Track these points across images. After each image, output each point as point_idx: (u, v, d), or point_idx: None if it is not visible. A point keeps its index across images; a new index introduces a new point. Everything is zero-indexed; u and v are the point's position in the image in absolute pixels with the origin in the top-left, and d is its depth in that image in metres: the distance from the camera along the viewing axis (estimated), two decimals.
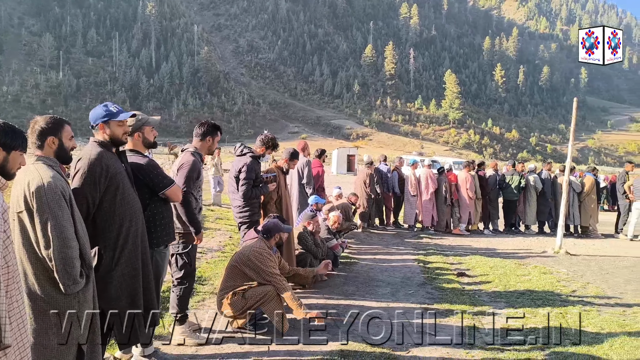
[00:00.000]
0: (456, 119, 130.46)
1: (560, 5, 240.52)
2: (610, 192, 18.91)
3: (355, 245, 9.37)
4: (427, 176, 11.65)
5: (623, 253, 9.67)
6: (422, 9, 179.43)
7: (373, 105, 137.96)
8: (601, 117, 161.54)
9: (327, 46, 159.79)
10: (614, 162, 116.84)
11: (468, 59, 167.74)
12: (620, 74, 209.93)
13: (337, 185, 11.11)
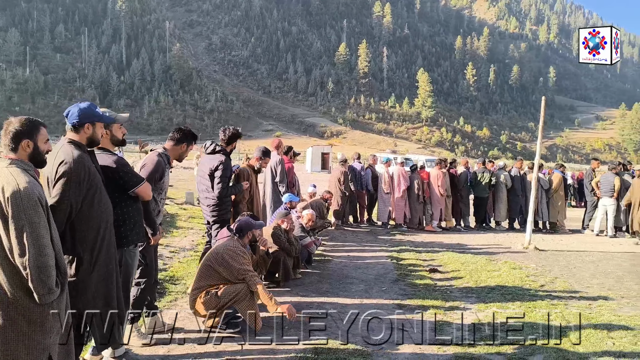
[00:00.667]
0: (429, 117, 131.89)
1: (530, 5, 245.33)
2: (578, 188, 19.41)
3: (329, 243, 9.40)
4: (399, 174, 11.75)
5: (589, 248, 9.94)
6: (395, 8, 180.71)
7: (347, 103, 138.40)
8: (569, 115, 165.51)
9: (301, 44, 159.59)
10: (581, 159, 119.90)
11: (440, 58, 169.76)
12: (587, 73, 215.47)
13: (311, 183, 11.12)
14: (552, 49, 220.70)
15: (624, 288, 6.61)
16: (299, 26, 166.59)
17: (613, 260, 8.68)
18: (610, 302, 5.84)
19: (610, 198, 11.42)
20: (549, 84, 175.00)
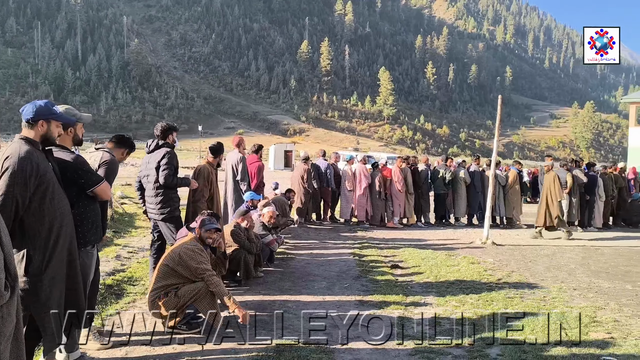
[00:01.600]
0: (390, 115, 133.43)
1: (487, 6, 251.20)
2: (532, 184, 20.03)
3: (292, 241, 9.39)
4: (361, 172, 11.84)
5: (544, 242, 10.28)
6: (356, 6, 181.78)
7: (310, 101, 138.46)
8: (525, 114, 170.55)
9: (262, 41, 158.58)
10: (536, 156, 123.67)
11: (401, 57, 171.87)
12: (541, 73, 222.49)
13: (274, 181, 11.08)
14: (508, 49, 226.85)
15: (576, 280, 6.86)
16: (261, 23, 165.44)
17: (566, 253, 8.99)
18: (563, 294, 6.05)
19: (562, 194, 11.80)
20: (506, 83, 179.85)
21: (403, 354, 4.09)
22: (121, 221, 10.36)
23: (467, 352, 4.12)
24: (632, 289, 6.44)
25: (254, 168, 9.11)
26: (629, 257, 8.79)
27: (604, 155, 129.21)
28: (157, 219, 5.68)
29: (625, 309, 5.52)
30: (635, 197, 14.02)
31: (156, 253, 5.73)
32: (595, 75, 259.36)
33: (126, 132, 4.83)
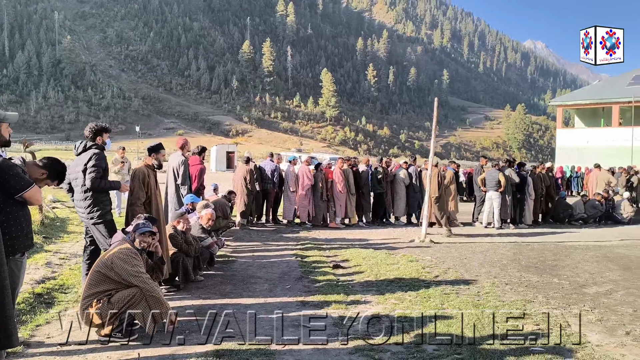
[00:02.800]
0: (333, 116, 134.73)
1: (425, 11, 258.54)
2: (468, 184, 20.80)
3: (233, 243, 9.28)
4: (303, 173, 11.88)
5: (478, 239, 10.67)
6: (298, 7, 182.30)
7: (252, 101, 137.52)
8: (461, 115, 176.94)
9: (203, 40, 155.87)
10: (472, 156, 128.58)
11: (343, 59, 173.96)
12: (476, 76, 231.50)
13: (213, 183, 10.92)
14: (445, 53, 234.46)
15: (508, 275, 7.18)
16: (201, 22, 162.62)
17: (499, 250, 9.39)
18: (495, 289, 6.31)
19: (495, 192, 12.33)
20: (443, 85, 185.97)
21: (343, 353, 4.13)
22: (52, 226, 9.87)
23: (405, 349, 4.22)
24: (559, 282, 6.81)
25: (196, 170, 8.94)
26: (556, 252, 9.29)
27: (534, 155, 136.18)
28: (88, 224, 5.47)
29: (553, 301, 5.84)
30: (562, 195, 14.85)
31: (89, 259, 5.50)
32: (525, 78, 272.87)
33: (58, 159, 4.24)
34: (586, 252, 9.23)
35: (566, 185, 22.19)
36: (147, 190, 5.78)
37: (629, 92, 32.39)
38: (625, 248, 9.82)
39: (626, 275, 7.37)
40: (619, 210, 14.35)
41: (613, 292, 6.36)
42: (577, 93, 45.25)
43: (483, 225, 12.71)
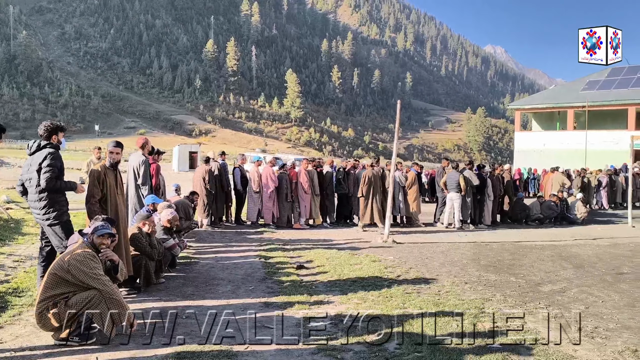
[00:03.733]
0: (298, 117, 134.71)
1: (389, 14, 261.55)
2: (430, 185, 21.16)
3: (195, 245, 9.17)
4: (267, 173, 11.85)
5: (439, 239, 10.87)
6: (263, 7, 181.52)
7: (216, 101, 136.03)
8: (424, 118, 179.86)
9: (165, 38, 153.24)
10: (434, 158, 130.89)
11: (308, 60, 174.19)
12: (438, 79, 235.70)
13: (175, 183, 10.75)
14: (408, 56, 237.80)
15: (467, 274, 7.36)
16: (164, 20, 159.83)
17: (459, 250, 9.60)
18: (455, 288, 6.45)
19: (456, 193, 12.59)
20: (407, 88, 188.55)
21: (306, 353, 4.14)
22: (6, 228, 9.52)
23: (367, 347, 4.27)
24: (516, 281, 7.02)
25: (151, 169, 8.76)
26: (514, 251, 9.57)
27: (493, 157, 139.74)
28: (44, 225, 5.31)
29: (510, 299, 6.01)
30: (520, 196, 15.29)
31: (45, 261, 5.34)
32: (486, 82, 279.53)
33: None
34: (542, 252, 9.54)
35: (524, 187, 22.85)
36: (102, 188, 5.64)
37: (583, 97, 33.65)
38: (579, 247, 10.19)
39: (579, 273, 7.66)
40: (573, 211, 14.88)
41: (567, 289, 6.60)
42: (534, 97, 46.69)
43: (444, 225, 12.96)
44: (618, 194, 19.72)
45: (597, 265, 8.34)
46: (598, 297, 6.22)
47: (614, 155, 29.44)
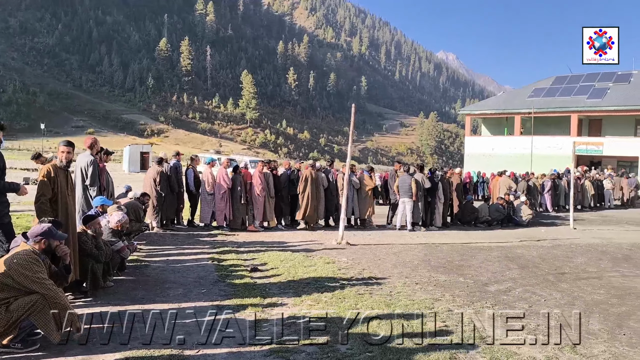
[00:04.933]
0: (253, 118, 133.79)
1: (344, 18, 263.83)
2: (384, 188, 21.50)
3: (146, 247, 8.97)
4: (221, 175, 11.73)
5: (392, 241, 11.06)
6: (218, 7, 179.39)
7: (169, 101, 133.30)
8: (378, 121, 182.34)
9: (117, 36, 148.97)
10: (388, 161, 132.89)
11: (263, 61, 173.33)
12: (393, 84, 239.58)
13: (125, 184, 10.48)
14: (363, 60, 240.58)
15: (418, 275, 7.52)
16: (115, 17, 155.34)
17: (411, 251, 9.79)
18: (407, 289, 6.59)
19: (408, 197, 12.83)
20: (362, 92, 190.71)
21: (258, 356, 4.14)
22: None
23: (319, 349, 4.30)
24: (464, 281, 7.23)
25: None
26: (463, 252, 9.85)
27: (445, 161, 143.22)
28: None
29: (458, 299, 6.19)
30: (469, 199, 15.74)
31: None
32: (438, 88, 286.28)
33: None
34: (489, 253, 9.86)
35: (473, 190, 23.54)
36: (53, 187, 5.44)
37: (529, 103, 35.03)
38: (524, 248, 10.59)
39: (523, 273, 7.97)
40: (519, 213, 15.44)
41: (512, 289, 6.85)
42: (483, 103, 48.23)
43: (397, 227, 13.18)
44: (561, 197, 20.61)
45: (541, 265, 8.70)
46: (541, 296, 6.49)
47: (558, 159, 30.80)
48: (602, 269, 8.55)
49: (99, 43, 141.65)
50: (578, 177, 21.11)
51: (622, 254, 10.25)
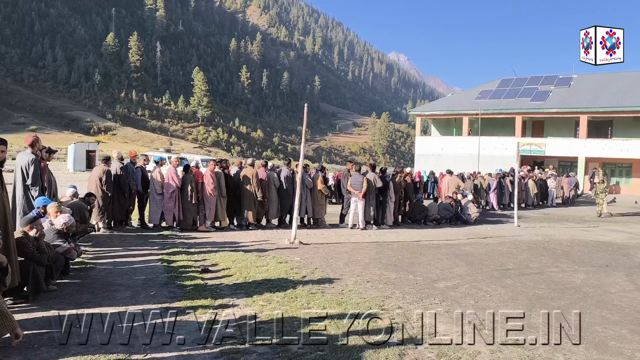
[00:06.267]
0: (205, 116, 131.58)
1: (298, 17, 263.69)
2: (337, 187, 21.66)
3: (92, 249, 8.69)
4: (170, 174, 11.50)
5: (344, 240, 11.17)
6: (168, 3, 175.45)
7: (117, 97, 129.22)
8: (331, 121, 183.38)
9: (61, 29, 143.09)
10: (341, 160, 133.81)
11: (216, 59, 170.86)
12: (346, 84, 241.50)
13: (71, 184, 10.10)
14: (317, 60, 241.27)
15: (369, 273, 7.63)
16: (59, 9, 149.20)
17: (362, 249, 9.92)
18: (358, 287, 6.67)
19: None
20: (315, 91, 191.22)
21: (209, 358, 4.09)
22: None
23: (270, 348, 4.30)
24: (414, 278, 7.39)
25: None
26: (413, 250, 10.06)
27: (397, 160, 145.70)
28: None
29: (408, 296, 6.32)
30: (419, 197, 16.09)
31: None
32: (390, 88, 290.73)
33: None
34: (438, 250, 10.11)
35: (423, 189, 24.07)
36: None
37: (476, 105, 36.16)
38: (471, 246, 10.93)
39: (470, 270, 8.22)
40: (466, 212, 15.91)
41: (459, 286, 7.06)
42: (433, 104, 49.40)
43: (349, 226, 13.31)
44: (506, 196, 21.39)
45: (486, 262, 9.00)
46: (486, 292, 6.72)
47: (503, 159, 31.96)
48: (544, 265, 8.93)
49: (42, 36, 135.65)
50: (522, 177, 21.96)
51: (562, 250, 10.75)
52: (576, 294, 6.85)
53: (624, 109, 32.29)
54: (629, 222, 17.64)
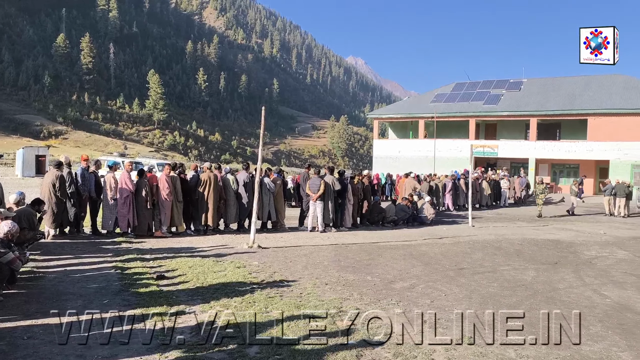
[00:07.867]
0: (161, 120, 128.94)
1: (255, 20, 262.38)
2: (296, 190, 21.66)
3: (41, 257, 8.37)
4: (123, 179, 11.21)
5: (304, 243, 11.17)
6: (121, 4, 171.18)
7: (68, 100, 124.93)
8: (291, 124, 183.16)
9: (8, 29, 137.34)
10: (301, 163, 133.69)
11: (172, 61, 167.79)
12: (304, 87, 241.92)
13: (18, 190, 9.70)
14: (275, 63, 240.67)
15: (328, 275, 7.66)
16: (6, 9, 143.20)
17: (322, 252, 9.95)
18: (316, 289, 6.69)
19: (319, 199, 13.03)
20: (274, 94, 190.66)
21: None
22: None
23: (227, 354, 4.26)
24: (372, 280, 7.47)
25: None
26: (370, 252, 10.17)
27: (355, 163, 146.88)
28: None
29: (366, 297, 6.39)
30: (377, 199, 16.29)
31: None
32: (348, 92, 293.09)
33: None
34: (396, 251, 10.26)
35: (382, 191, 24.37)
36: None
37: (432, 108, 36.90)
38: (427, 246, 11.15)
39: (427, 270, 8.38)
40: (422, 213, 16.21)
41: (416, 286, 7.18)
42: (390, 107, 50.15)
43: (308, 229, 13.33)
44: (461, 197, 21.91)
45: (442, 262, 9.20)
46: (442, 291, 6.86)
47: (458, 161, 32.77)
48: (497, 264, 9.20)
49: None
50: (476, 178, 22.56)
51: (514, 249, 11.10)
52: (527, 291, 7.09)
53: (571, 112, 33.72)
54: (577, 220, 18.39)
